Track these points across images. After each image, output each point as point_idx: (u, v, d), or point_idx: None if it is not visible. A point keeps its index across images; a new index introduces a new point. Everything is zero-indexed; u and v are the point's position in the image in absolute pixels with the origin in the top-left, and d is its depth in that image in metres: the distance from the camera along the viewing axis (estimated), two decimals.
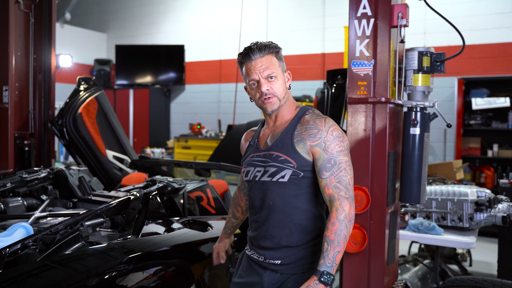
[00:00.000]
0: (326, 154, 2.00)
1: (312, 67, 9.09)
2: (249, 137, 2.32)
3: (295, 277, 2.07)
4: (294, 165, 2.02)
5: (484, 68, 7.71)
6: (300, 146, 2.03)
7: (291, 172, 2.03)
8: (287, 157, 2.04)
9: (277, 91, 2.08)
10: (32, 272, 1.97)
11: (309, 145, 2.02)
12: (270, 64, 2.07)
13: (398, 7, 2.84)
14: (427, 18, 7.71)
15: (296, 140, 2.04)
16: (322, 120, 2.06)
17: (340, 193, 1.97)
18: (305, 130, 2.05)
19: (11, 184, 3.26)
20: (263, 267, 2.14)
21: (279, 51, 2.12)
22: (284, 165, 2.04)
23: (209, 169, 4.48)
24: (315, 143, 2.01)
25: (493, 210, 3.74)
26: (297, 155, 2.03)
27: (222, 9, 10.24)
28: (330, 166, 1.99)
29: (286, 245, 2.07)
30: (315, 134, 2.02)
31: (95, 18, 12.00)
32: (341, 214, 1.94)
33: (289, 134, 2.07)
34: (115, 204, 2.69)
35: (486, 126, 7.58)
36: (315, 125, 2.04)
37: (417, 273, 4.27)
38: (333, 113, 3.72)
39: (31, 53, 5.01)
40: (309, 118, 2.08)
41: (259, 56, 2.07)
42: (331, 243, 1.90)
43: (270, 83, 2.07)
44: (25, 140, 4.88)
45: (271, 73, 2.06)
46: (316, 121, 2.05)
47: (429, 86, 2.97)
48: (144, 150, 9.43)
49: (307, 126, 2.05)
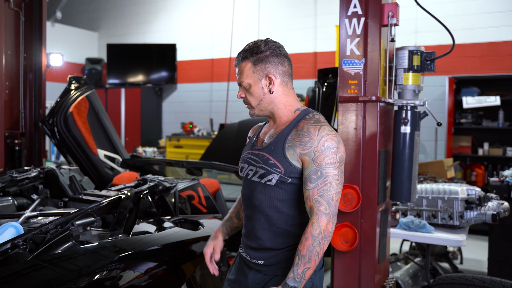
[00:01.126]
0: (314, 165, 1.93)
1: (303, 66, 9.10)
2: (253, 132, 2.29)
3: (277, 279, 2.04)
4: (282, 171, 1.99)
5: (475, 67, 7.75)
6: (290, 152, 1.98)
7: (278, 177, 2.00)
8: (276, 162, 2.00)
9: (250, 99, 2.09)
10: (22, 271, 1.96)
11: (299, 152, 1.97)
12: (242, 72, 2.07)
13: (388, 6, 2.85)
14: (418, 17, 7.75)
15: (287, 146, 1.99)
16: (316, 128, 1.97)
17: (320, 207, 1.90)
18: (298, 136, 1.98)
19: (1, 183, 3.24)
20: (249, 266, 2.13)
21: (260, 55, 2.05)
22: (272, 169, 2.01)
23: (200, 168, 4.49)
24: (305, 152, 1.95)
25: (483, 208, 3.77)
26: (285, 161, 1.99)
27: (214, 8, 10.24)
28: (315, 178, 1.92)
29: (269, 247, 2.06)
30: (306, 142, 1.96)
31: (86, 17, 11.95)
32: (316, 230, 1.89)
33: (282, 138, 2.03)
34: (106, 203, 2.68)
35: (477, 125, 7.62)
36: (308, 133, 1.97)
37: (408, 271, 4.29)
38: (324, 112, 3.73)
39: (21, 52, 4.98)
40: (304, 124, 2.01)
41: (238, 63, 2.09)
42: (302, 258, 1.88)
43: (243, 91, 2.10)
44: (15, 140, 4.85)
45: (242, 81, 2.08)
46: (310, 129, 1.97)
47: (420, 85, 2.99)
48: (135, 149, 9.40)
49: (300, 132, 1.99)
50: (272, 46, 2.08)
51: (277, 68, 2.07)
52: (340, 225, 2.90)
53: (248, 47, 2.08)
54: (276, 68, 2.07)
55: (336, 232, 2.91)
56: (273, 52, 2.07)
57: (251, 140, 2.24)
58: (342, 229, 2.89)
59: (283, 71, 2.08)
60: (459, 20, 7.65)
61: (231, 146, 5.70)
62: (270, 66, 2.06)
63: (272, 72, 2.06)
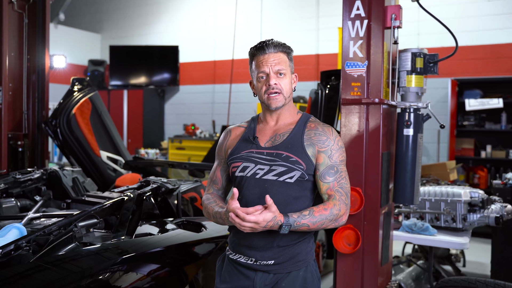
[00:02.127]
0: (330, 161, 2.09)
1: (306, 68, 9.10)
2: (239, 132, 2.25)
3: (290, 276, 2.06)
4: (304, 167, 2.06)
5: (477, 69, 7.74)
6: (309, 150, 2.09)
7: (299, 174, 2.06)
8: (298, 159, 2.07)
9: (284, 88, 2.11)
10: (26, 273, 1.96)
11: (317, 150, 2.09)
12: (281, 60, 2.12)
13: (391, 8, 2.85)
14: (421, 19, 7.74)
15: (306, 144, 2.10)
16: (329, 128, 2.15)
17: (342, 197, 2.06)
18: (314, 135, 2.12)
19: (5, 185, 3.25)
20: (254, 269, 2.10)
21: (291, 53, 2.19)
22: (295, 166, 2.06)
23: (203, 169, 4.48)
24: (323, 149, 2.09)
25: (486, 210, 3.76)
26: (307, 158, 2.07)
27: (216, 9, 10.25)
28: (333, 172, 2.08)
29: (277, 245, 2.06)
30: (324, 141, 2.10)
31: (89, 18, 11.97)
32: (335, 210, 2.01)
33: (297, 136, 2.11)
34: (109, 205, 2.68)
35: (480, 127, 7.61)
36: (324, 133, 2.12)
37: (410, 274, 4.28)
38: (327, 114, 3.72)
39: (24, 54, 4.99)
40: (316, 125, 2.16)
41: (273, 51, 2.13)
42: (311, 216, 1.96)
43: (279, 78, 2.11)
44: (18, 141, 4.86)
45: (281, 69, 2.11)
46: (324, 129, 2.14)
47: (423, 87, 2.98)
48: (138, 151, 9.41)
49: (315, 131, 2.13)
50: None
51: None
52: (342, 228, 2.89)
53: (278, 42, 2.17)
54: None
55: (339, 234, 2.90)
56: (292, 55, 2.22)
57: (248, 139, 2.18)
58: (345, 231, 2.89)
59: None
60: (461, 22, 7.65)
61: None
62: (293, 66, 2.22)
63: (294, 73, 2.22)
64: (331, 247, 4.96)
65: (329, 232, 5.17)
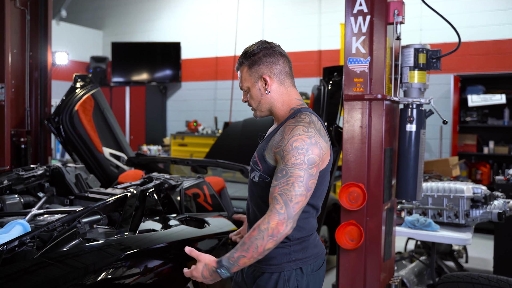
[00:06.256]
0: (282, 163, 1.91)
1: (308, 64, 9.09)
2: None
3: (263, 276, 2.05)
4: (261, 169, 2.03)
5: (480, 65, 7.73)
6: (267, 151, 2.01)
7: (259, 175, 2.04)
8: (257, 160, 2.06)
9: (253, 101, 2.13)
10: (30, 269, 1.97)
11: (273, 151, 1.97)
12: (242, 77, 2.12)
13: (394, 4, 2.85)
14: (423, 15, 7.73)
15: (269, 145, 2.02)
16: (291, 128, 1.95)
17: (276, 206, 1.85)
18: (275, 135, 2.01)
19: (8, 181, 3.25)
20: None
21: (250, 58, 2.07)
22: (254, 167, 2.07)
23: (205, 166, 4.48)
24: (277, 150, 1.95)
25: (489, 206, 3.76)
26: (263, 160, 2.02)
27: (218, 5, 10.23)
28: (280, 176, 1.89)
29: None
30: (278, 141, 1.96)
31: (91, 15, 11.97)
32: (264, 225, 1.84)
33: (269, 137, 2.06)
34: (112, 201, 2.69)
35: (482, 123, 7.60)
36: (282, 132, 1.96)
37: (413, 270, 4.29)
38: (329, 110, 3.72)
39: (27, 51, 5.00)
40: (286, 123, 2.00)
41: (238, 68, 2.14)
42: (242, 244, 1.88)
43: (246, 94, 2.14)
44: (21, 138, 4.87)
45: (241, 86, 2.13)
46: (285, 128, 1.96)
47: (425, 83, 2.98)
48: (140, 148, 9.42)
49: (279, 131, 2.00)
50: (265, 47, 2.08)
51: (272, 68, 2.07)
52: (345, 223, 2.90)
53: (244, 51, 2.12)
54: (270, 68, 2.07)
55: (342, 230, 2.91)
56: (266, 52, 2.07)
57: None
58: (348, 227, 2.90)
59: (278, 70, 2.07)
60: (464, 18, 7.63)
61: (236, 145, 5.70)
62: (264, 67, 2.07)
63: (266, 73, 2.06)
64: (334, 242, 4.96)
65: (332, 228, 5.17)
